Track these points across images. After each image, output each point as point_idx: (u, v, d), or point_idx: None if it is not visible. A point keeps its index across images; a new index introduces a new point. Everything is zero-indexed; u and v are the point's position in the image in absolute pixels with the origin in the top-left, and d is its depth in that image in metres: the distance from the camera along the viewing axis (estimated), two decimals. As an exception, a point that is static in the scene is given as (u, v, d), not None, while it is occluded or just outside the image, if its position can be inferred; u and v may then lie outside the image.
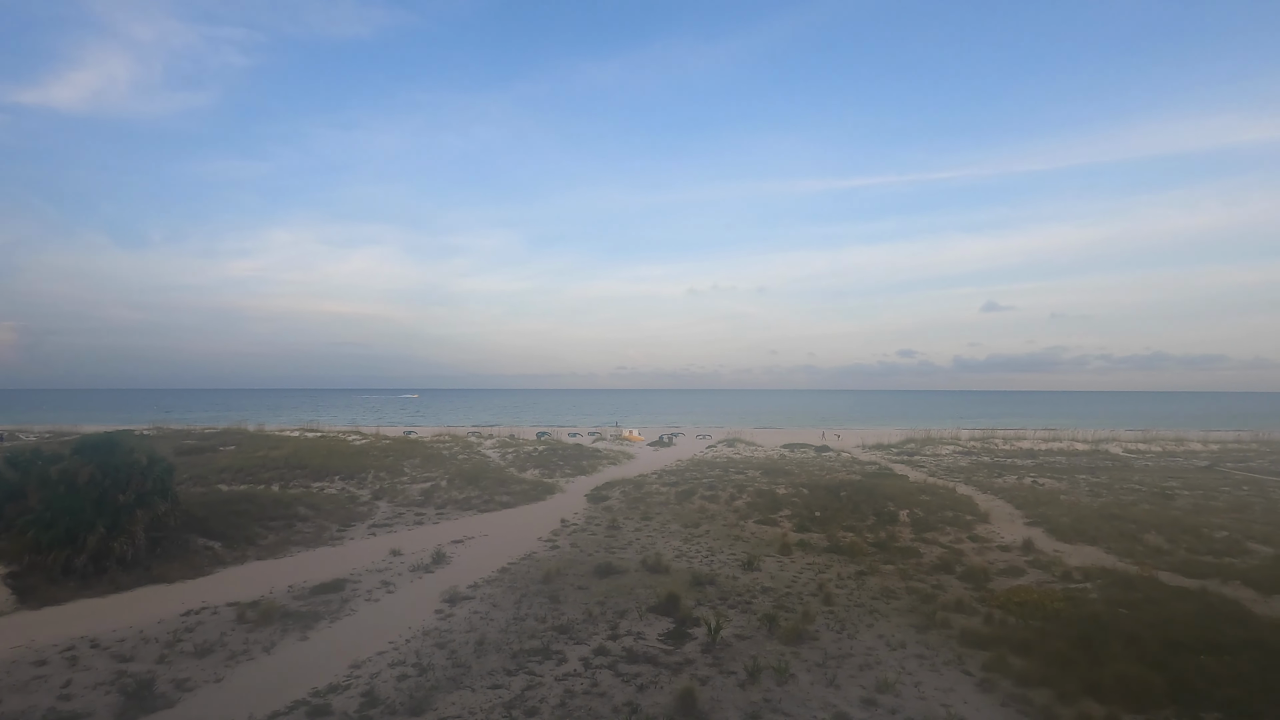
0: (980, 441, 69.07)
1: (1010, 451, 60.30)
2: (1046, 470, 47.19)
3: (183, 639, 16.35)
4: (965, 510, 32.20)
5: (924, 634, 16.81)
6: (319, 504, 31.99)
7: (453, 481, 39.48)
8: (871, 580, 21.57)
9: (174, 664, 14.95)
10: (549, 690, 13.55)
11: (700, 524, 30.05)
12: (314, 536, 27.30)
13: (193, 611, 18.39)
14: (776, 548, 25.76)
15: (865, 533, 28.13)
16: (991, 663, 14.80)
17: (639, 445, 69.92)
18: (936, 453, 60.07)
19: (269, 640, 16.35)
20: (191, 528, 25.07)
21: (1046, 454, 57.88)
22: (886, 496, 34.47)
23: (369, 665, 14.85)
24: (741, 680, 14.01)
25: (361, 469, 41.23)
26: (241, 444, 50.63)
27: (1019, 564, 23.59)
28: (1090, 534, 27.07)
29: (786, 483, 39.39)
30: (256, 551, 24.75)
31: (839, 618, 17.97)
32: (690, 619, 17.55)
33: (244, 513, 28.31)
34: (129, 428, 62.74)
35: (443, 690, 13.56)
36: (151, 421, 78.43)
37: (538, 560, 23.80)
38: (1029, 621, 17.24)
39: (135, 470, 23.24)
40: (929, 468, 50.10)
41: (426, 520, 31.31)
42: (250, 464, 40.96)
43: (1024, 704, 13.09)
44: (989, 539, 27.30)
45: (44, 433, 65.27)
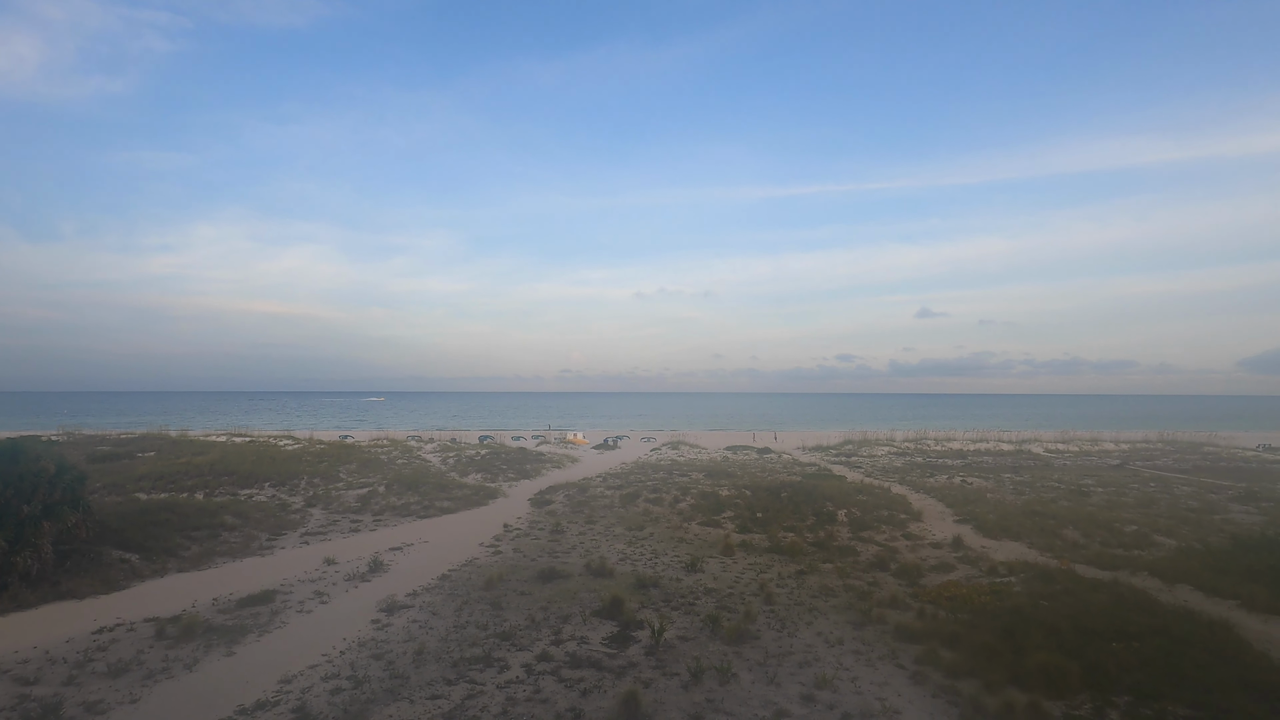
0: (914, 443, 71.73)
1: (941, 452, 62.81)
2: (975, 470, 49.36)
3: (94, 658, 15.31)
4: (900, 509, 33.33)
5: (860, 630, 17.30)
6: (247, 512, 30.55)
7: (391, 487, 38.40)
8: (811, 579, 22.07)
9: (84, 685, 13.98)
10: (490, 699, 13.31)
11: (644, 527, 30.12)
12: (241, 546, 26.06)
13: (106, 629, 17.25)
14: (719, 549, 26.06)
15: (805, 532, 28.77)
16: (923, 656, 15.35)
17: (583, 449, 69.61)
18: (873, 454, 62.02)
19: (191, 657, 15.49)
20: (106, 539, 23.58)
21: (975, 454, 60.55)
22: (825, 497, 35.36)
23: (300, 679, 14.25)
24: (685, 682, 14.09)
25: (294, 475, 39.62)
26: (163, 450, 47.85)
27: (949, 560, 24.56)
28: (1014, 530, 28.43)
29: (729, 485, 39.92)
30: (178, 563, 23.44)
31: (780, 616, 18.30)
32: (634, 622, 17.56)
33: (164, 522, 26.79)
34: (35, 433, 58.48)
35: (379, 703, 13.14)
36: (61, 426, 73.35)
37: (479, 566, 23.38)
38: (958, 615, 17.97)
39: (41, 479, 21.66)
40: (866, 468, 51.67)
41: (363, 527, 30.32)
42: (172, 471, 38.78)
43: (953, 694, 13.61)
44: (921, 536, 28.32)
45: (-63, 439, 60.12)
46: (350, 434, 79.52)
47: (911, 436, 79.47)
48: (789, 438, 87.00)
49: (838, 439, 77.55)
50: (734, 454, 61.86)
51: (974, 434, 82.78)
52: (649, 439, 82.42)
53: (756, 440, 78.73)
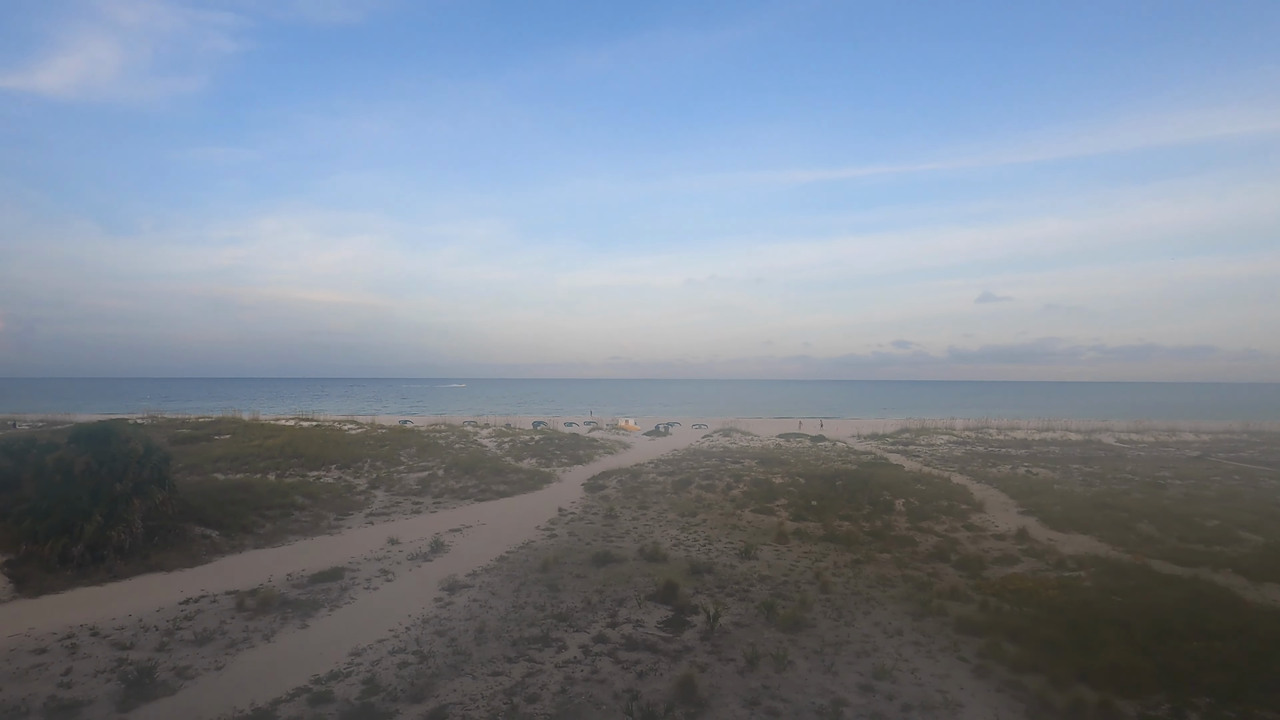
0: (975, 431, 69.51)
1: (1004, 441, 60.67)
2: (1040, 460, 47.54)
3: (182, 627, 16.37)
4: (960, 499, 32.43)
5: (920, 621, 16.97)
6: (316, 493, 31.96)
7: (449, 471, 39.50)
8: (868, 568, 21.74)
9: (174, 652, 14.98)
10: (549, 677, 13.64)
11: (697, 513, 30.18)
12: (311, 525, 27.31)
13: (191, 600, 18.40)
14: (773, 536, 25.92)
15: (861, 521, 28.32)
16: (987, 649, 14.97)
17: (635, 435, 70.03)
18: (931, 442, 60.40)
19: (269, 628, 16.39)
20: (188, 516, 25.03)
21: (1040, 444, 58.27)
22: (882, 486, 34.67)
23: (369, 653, 14.90)
24: (740, 667, 14.13)
25: (358, 458, 41.19)
26: (236, 433, 50.41)
27: (1013, 552, 23.81)
28: (1083, 523, 27.32)
29: (783, 472, 39.57)
30: (254, 540, 24.75)
31: (836, 605, 18.12)
32: (689, 607, 17.67)
33: (240, 501, 28.27)
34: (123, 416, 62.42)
35: (444, 677, 13.63)
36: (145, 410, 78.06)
37: (536, 549, 23.88)
38: (1023, 609, 17.43)
39: (131, 459, 23.13)
40: (924, 457, 50.40)
41: (424, 509, 31.34)
42: (246, 453, 40.83)
43: (1018, 690, 13.25)
44: (984, 528, 27.51)
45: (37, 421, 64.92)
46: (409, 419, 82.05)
47: (972, 425, 77.00)
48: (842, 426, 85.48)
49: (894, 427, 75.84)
50: (787, 441, 61.21)
51: (1039, 423, 79.58)
52: (700, 426, 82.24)
53: (803, 428, 77.60)
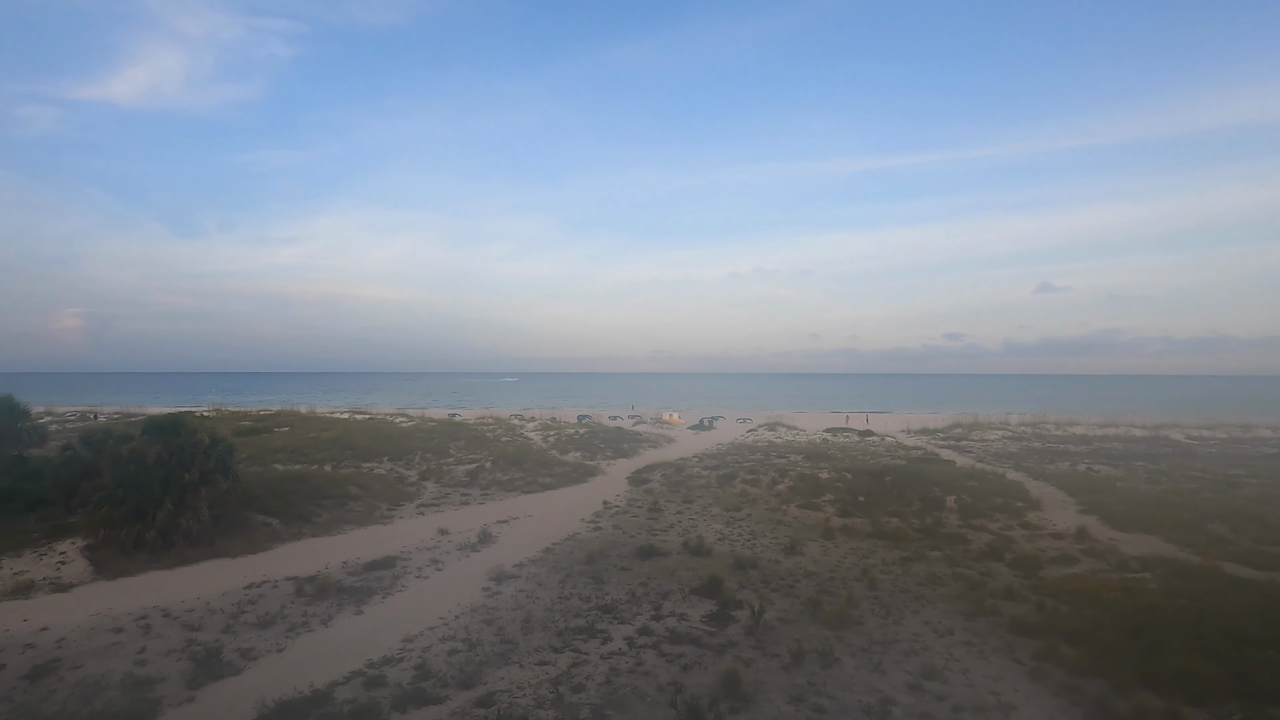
0: (1031, 427, 67.08)
1: (1063, 437, 58.40)
2: (1102, 457, 45.63)
3: (246, 610, 17.14)
4: (1015, 497, 31.41)
5: (972, 621, 16.55)
6: (369, 484, 32.98)
7: (497, 463, 40.21)
8: (917, 566, 21.28)
9: (239, 634, 15.71)
10: (595, 668, 13.80)
11: (742, 508, 30.02)
12: (365, 515, 28.20)
13: (254, 585, 19.24)
14: (819, 532, 25.59)
15: (910, 518, 27.71)
16: (1043, 651, 14.50)
17: (679, 429, 69.95)
18: (984, 438, 58.58)
19: (326, 613, 17.03)
20: (251, 505, 26.14)
21: (1102, 440, 55.89)
22: (932, 482, 33.84)
23: (421, 639, 15.34)
24: (785, 663, 14.03)
25: (409, 450, 42.29)
26: (295, 426, 52.37)
27: (1072, 552, 22.96)
28: (1148, 522, 26.13)
29: (829, 467, 38.99)
30: (312, 529, 25.70)
31: (884, 603, 17.80)
32: (733, 601, 17.61)
33: (299, 491, 29.40)
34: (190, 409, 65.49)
35: (492, 665, 13.94)
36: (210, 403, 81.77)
37: (581, 541, 24.15)
38: (1082, 611, 16.80)
39: (198, 450, 24.29)
40: (977, 453, 48.96)
41: (472, 500, 32.01)
42: (303, 445, 42.40)
43: (1077, 694, 12.80)
44: (1040, 526, 26.60)
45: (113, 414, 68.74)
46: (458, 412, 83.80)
47: (1028, 420, 74.27)
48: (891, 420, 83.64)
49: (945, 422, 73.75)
50: (833, 436, 60.22)
51: (1101, 418, 76.25)
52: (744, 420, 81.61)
53: (850, 422, 76.17)
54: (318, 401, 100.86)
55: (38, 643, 15.13)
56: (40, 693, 12.87)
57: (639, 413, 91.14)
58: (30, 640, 15.24)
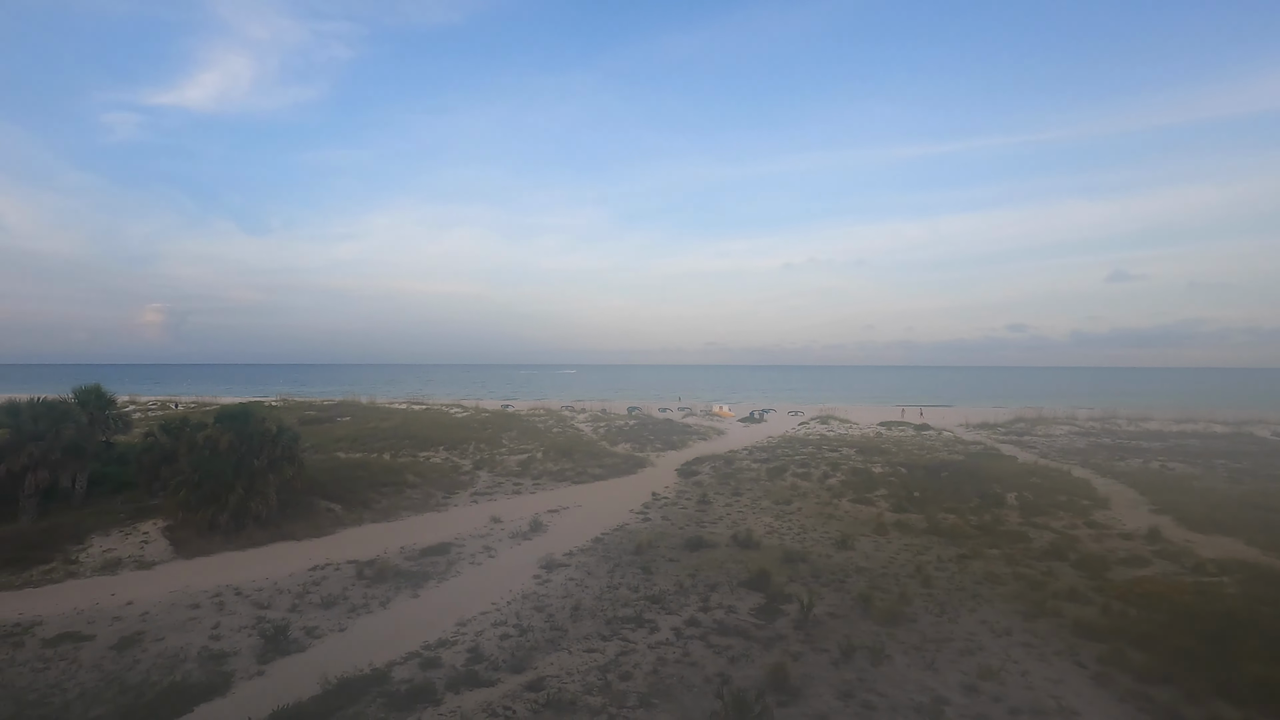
0: (1100, 422, 64.03)
1: (1135, 433, 55.56)
2: (1178, 454, 43.23)
3: (310, 591, 17.97)
4: (1081, 494, 30.11)
5: (1032, 622, 15.98)
6: (425, 472, 34.00)
7: (548, 453, 40.84)
8: (974, 564, 20.66)
9: (304, 613, 16.49)
10: (642, 657, 13.94)
11: (792, 501, 29.70)
12: (422, 502, 29.10)
13: (318, 567, 20.13)
14: (872, 527, 25.11)
15: (968, 515, 26.89)
16: (1109, 656, 13.90)
17: (729, 421, 69.56)
18: (1049, 433, 56.24)
19: (385, 596, 17.69)
20: (314, 491, 27.30)
21: (1178, 436, 52.93)
22: (992, 478, 32.76)
23: (474, 624, 15.79)
24: (835, 658, 13.87)
25: (463, 440, 43.38)
26: (355, 415, 54.39)
27: (1143, 553, 21.89)
28: (1228, 524, 24.66)
29: (883, 461, 38.18)
30: (371, 514, 26.68)
31: (938, 601, 17.36)
32: (782, 595, 17.48)
33: (359, 478, 30.55)
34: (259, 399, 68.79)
35: (542, 651, 14.24)
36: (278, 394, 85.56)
37: (630, 531, 24.35)
38: (1153, 615, 16.01)
39: (267, 438, 25.51)
40: (1040, 449, 47.07)
41: (524, 490, 32.63)
42: (363, 434, 44.00)
43: (1145, 701, 12.24)
44: (1108, 526, 25.44)
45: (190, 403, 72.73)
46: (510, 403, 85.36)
47: (1097, 415, 70.87)
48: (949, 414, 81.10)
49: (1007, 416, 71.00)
50: (887, 430, 58.83)
51: (1178, 413, 72.10)
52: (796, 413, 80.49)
53: (904, 416, 74.14)
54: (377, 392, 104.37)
55: (124, 616, 16.23)
56: (126, 662, 13.82)
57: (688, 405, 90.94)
58: (118, 614, 16.37)
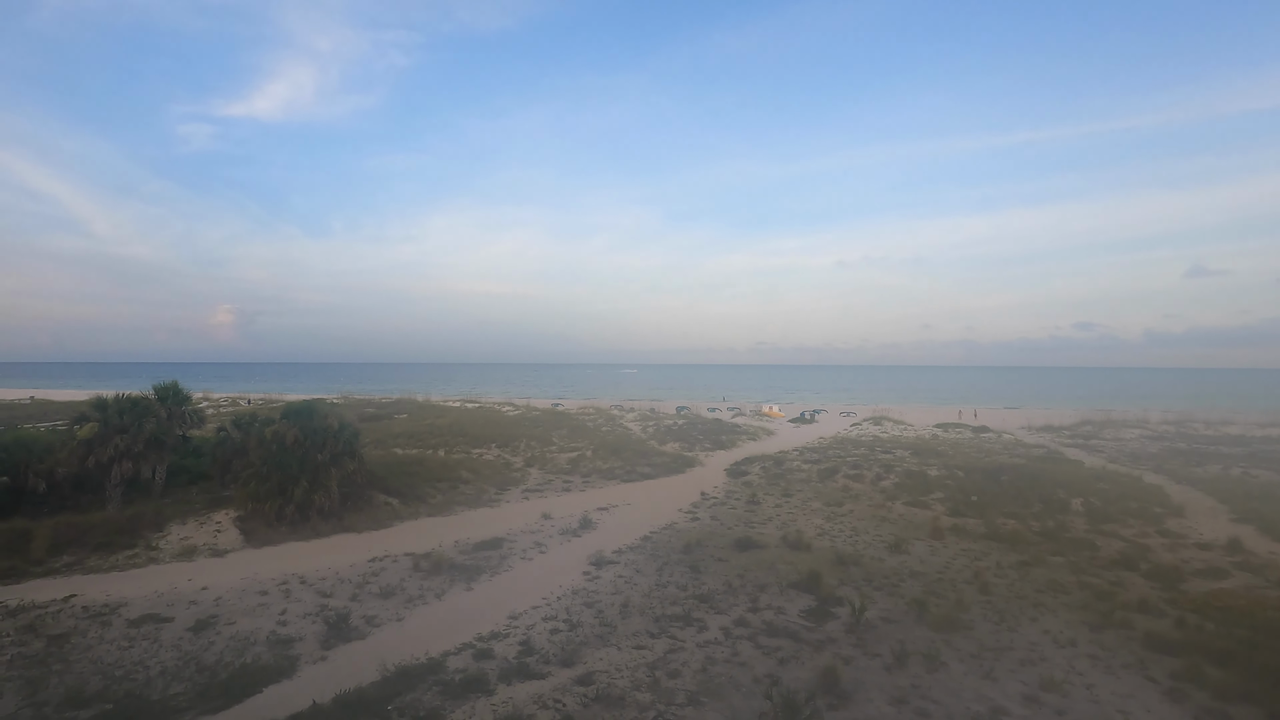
0: (1175, 425, 60.69)
1: (1214, 437, 52.46)
2: (1262, 460, 40.61)
3: (370, 581, 18.63)
4: (1154, 501, 28.64)
5: (1099, 633, 15.32)
6: (479, 469, 34.79)
7: (597, 452, 41.22)
8: (1036, 571, 19.90)
9: (364, 602, 17.12)
10: (690, 655, 13.96)
11: (844, 503, 29.19)
12: (475, 498, 29.79)
13: (377, 558, 20.85)
14: (927, 531, 24.46)
15: (1030, 520, 25.93)
16: (1183, 671, 13.22)
17: (779, 421, 68.78)
18: (1119, 436, 53.64)
19: (440, 588, 18.21)
20: (374, 485, 28.27)
21: (1263, 441, 49.72)
22: (1056, 483, 31.46)
23: (525, 618, 16.10)
24: (888, 663, 13.60)
25: (515, 438, 44.19)
26: (412, 413, 56.03)
27: (1221, 564, 20.70)
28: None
29: (939, 464, 37.12)
30: (427, 509, 27.46)
31: (997, 608, 16.81)
32: (833, 598, 17.22)
33: (416, 474, 31.50)
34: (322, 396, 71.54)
35: (590, 646, 14.42)
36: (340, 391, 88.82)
37: (678, 530, 24.38)
38: (1232, 630, 15.15)
39: (329, 434, 26.54)
40: (1109, 453, 44.94)
41: (574, 487, 33.03)
42: (420, 430, 45.31)
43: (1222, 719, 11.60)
44: (1183, 535, 24.14)
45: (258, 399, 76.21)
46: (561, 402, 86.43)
47: (1172, 418, 67.17)
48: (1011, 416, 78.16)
49: (1073, 418, 68.01)
50: (944, 432, 57.14)
51: (1263, 416, 67.73)
52: (848, 414, 78.97)
53: (961, 418, 71.76)
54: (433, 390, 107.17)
55: (199, 600, 17.18)
56: (202, 644, 14.63)
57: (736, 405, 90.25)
58: (194, 598, 17.33)
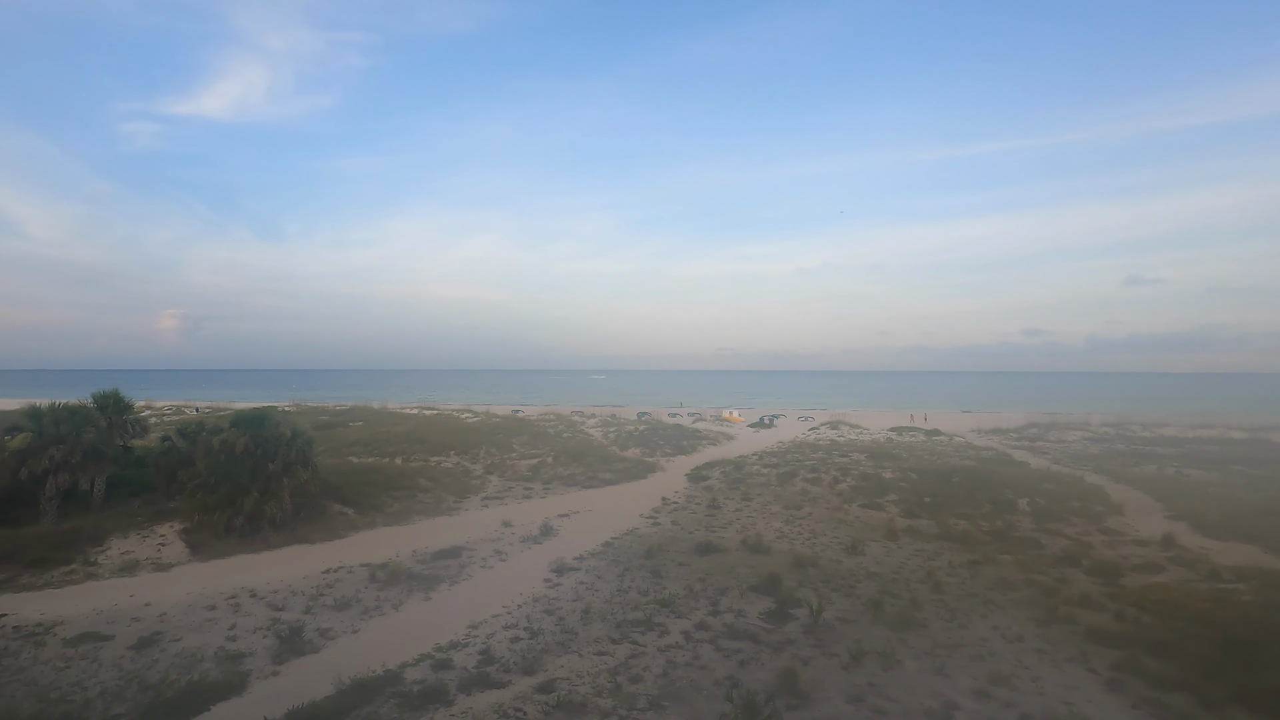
0: (1114, 427, 63.44)
1: (1150, 439, 54.99)
2: (1194, 460, 42.75)
3: (324, 593, 18.16)
4: (1095, 501, 29.87)
5: (1045, 628, 15.90)
6: (437, 477, 34.24)
7: (558, 458, 40.98)
8: (986, 570, 20.56)
9: (318, 615, 16.67)
10: (652, 660, 14.00)
11: (802, 506, 29.65)
12: (433, 506, 29.30)
13: (332, 570, 20.33)
14: (882, 533, 25.04)
15: (980, 520, 26.76)
16: (1122, 662, 13.82)
17: (739, 426, 69.46)
18: (1062, 438, 55.78)
19: (397, 598, 17.85)
20: (328, 495, 27.57)
21: (1194, 442, 52.32)
22: (1004, 484, 32.56)
23: (485, 626, 15.90)
24: (845, 663, 13.86)
25: (475, 445, 43.63)
26: (368, 420, 54.84)
27: (1157, 560, 21.70)
28: (1245, 531, 24.39)
29: (894, 467, 38.01)
30: (384, 518, 26.90)
31: (950, 606, 17.30)
32: (792, 599, 17.48)
33: (372, 483, 30.83)
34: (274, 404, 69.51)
35: (552, 653, 14.33)
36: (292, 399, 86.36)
37: (640, 536, 24.40)
38: (1168, 621, 15.90)
39: (281, 442, 25.78)
40: (1053, 455, 46.71)
41: (534, 494, 32.77)
42: (376, 438, 44.36)
43: (1159, 708, 12.17)
44: (1122, 532, 25.23)
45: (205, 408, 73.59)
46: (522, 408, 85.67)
47: (1112, 420, 70.23)
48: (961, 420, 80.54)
49: (1020, 421, 70.50)
50: (899, 435, 58.53)
51: (1195, 419, 71.29)
52: (807, 418, 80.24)
53: (913, 421, 73.72)
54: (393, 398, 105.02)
55: (142, 617, 16.49)
56: (145, 662, 14.04)
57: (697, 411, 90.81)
58: (136, 614, 16.62)
